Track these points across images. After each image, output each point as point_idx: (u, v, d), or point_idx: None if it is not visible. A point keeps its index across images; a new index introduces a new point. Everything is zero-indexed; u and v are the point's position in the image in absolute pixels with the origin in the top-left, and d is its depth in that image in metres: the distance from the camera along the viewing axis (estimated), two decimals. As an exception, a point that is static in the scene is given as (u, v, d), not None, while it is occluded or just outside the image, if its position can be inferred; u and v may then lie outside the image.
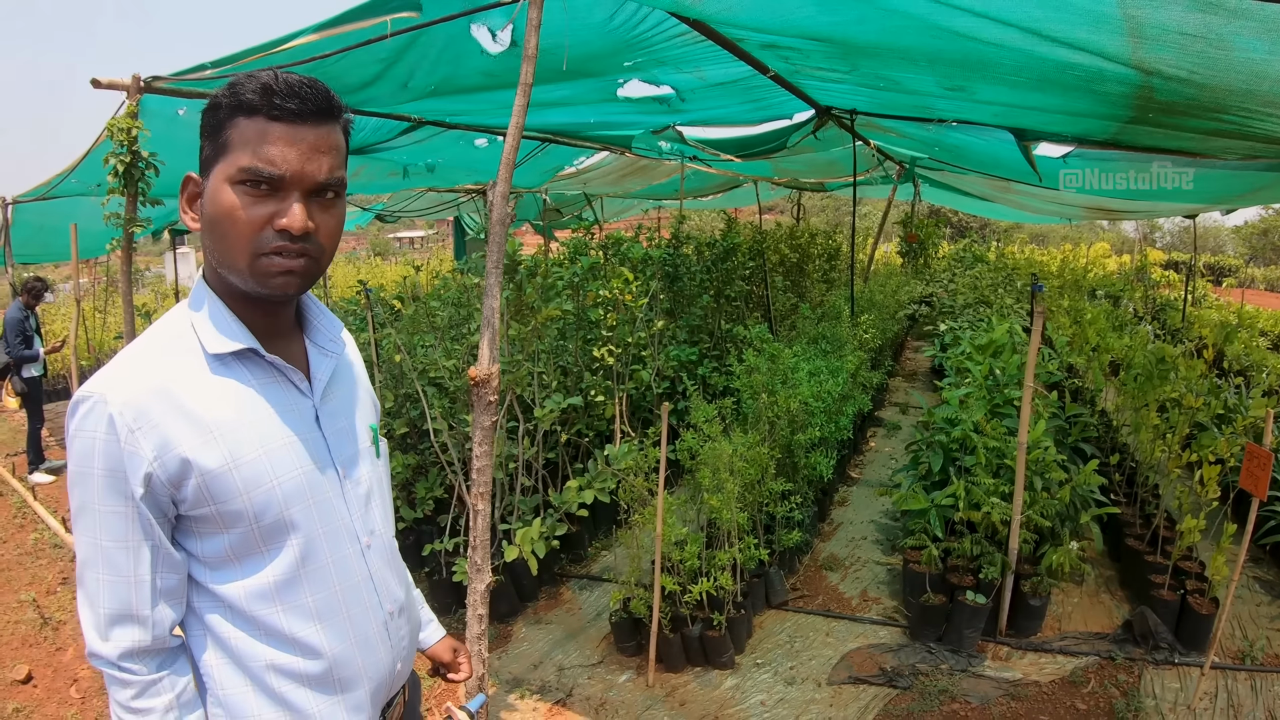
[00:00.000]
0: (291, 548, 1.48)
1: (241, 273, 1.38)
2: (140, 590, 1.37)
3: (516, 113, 3.01)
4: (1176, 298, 14.87)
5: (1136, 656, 4.47)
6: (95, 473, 1.32)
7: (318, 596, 1.51)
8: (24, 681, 4.78)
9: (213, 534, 1.43)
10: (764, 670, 4.46)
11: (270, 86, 1.32)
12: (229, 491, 1.39)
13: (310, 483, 1.51)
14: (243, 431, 1.42)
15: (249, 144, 1.33)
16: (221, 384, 1.43)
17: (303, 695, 1.51)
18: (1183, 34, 2.96)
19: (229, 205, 1.34)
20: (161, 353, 1.41)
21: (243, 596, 1.45)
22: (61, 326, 15.39)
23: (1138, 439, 5.54)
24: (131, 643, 1.37)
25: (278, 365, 1.49)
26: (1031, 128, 6.16)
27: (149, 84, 5.44)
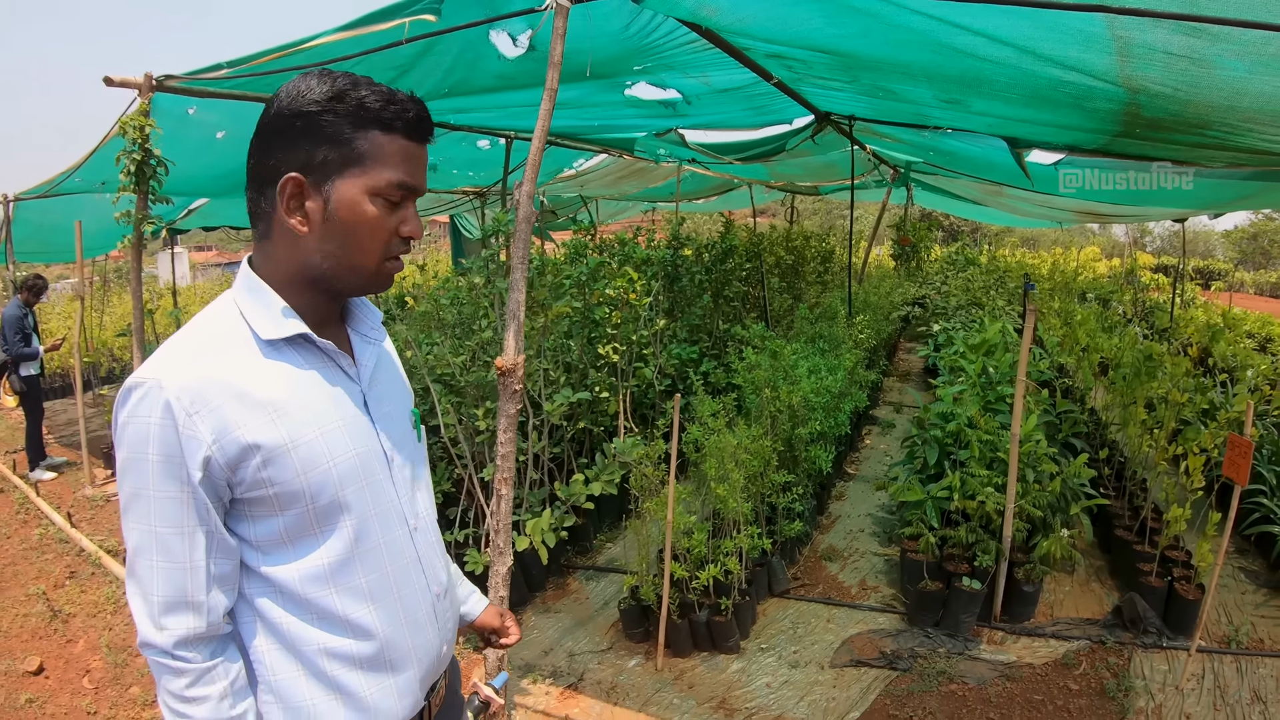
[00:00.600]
0: (345, 528, 1.50)
1: (368, 274, 1.49)
2: (195, 576, 1.37)
3: (542, 116, 3.16)
4: (1165, 300, 15.05)
5: (1126, 640, 4.65)
6: (150, 458, 1.33)
7: (370, 577, 1.53)
8: (35, 673, 4.84)
9: (266, 516, 1.44)
10: (769, 654, 4.62)
11: (416, 112, 1.44)
12: (287, 472, 1.42)
13: (363, 464, 1.54)
14: (299, 413, 1.45)
15: (394, 161, 1.43)
16: (275, 368, 1.45)
17: (355, 678, 1.52)
18: (1168, 54, 3.14)
19: (372, 215, 1.43)
20: (213, 339, 1.43)
21: (296, 579, 1.46)
22: (57, 325, 15.42)
23: (1126, 434, 5.72)
24: (186, 630, 1.37)
25: (328, 350, 1.53)
26: (1024, 137, 6.33)
27: (161, 83, 5.48)
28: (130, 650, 4.99)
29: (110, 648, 5.01)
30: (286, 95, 1.41)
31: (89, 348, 12.15)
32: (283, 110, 1.41)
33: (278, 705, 1.49)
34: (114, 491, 7.76)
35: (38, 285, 8.87)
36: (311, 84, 1.40)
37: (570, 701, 4.25)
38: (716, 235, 9.47)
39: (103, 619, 5.44)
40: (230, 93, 5.64)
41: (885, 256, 20.08)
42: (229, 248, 48.67)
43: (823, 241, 13.87)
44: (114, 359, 13.68)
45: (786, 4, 3.73)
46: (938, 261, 17.93)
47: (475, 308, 5.52)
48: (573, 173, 11.79)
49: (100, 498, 7.95)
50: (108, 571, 6.11)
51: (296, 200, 1.43)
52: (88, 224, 8.64)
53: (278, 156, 1.42)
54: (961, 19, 3.30)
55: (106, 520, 7.31)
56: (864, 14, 3.60)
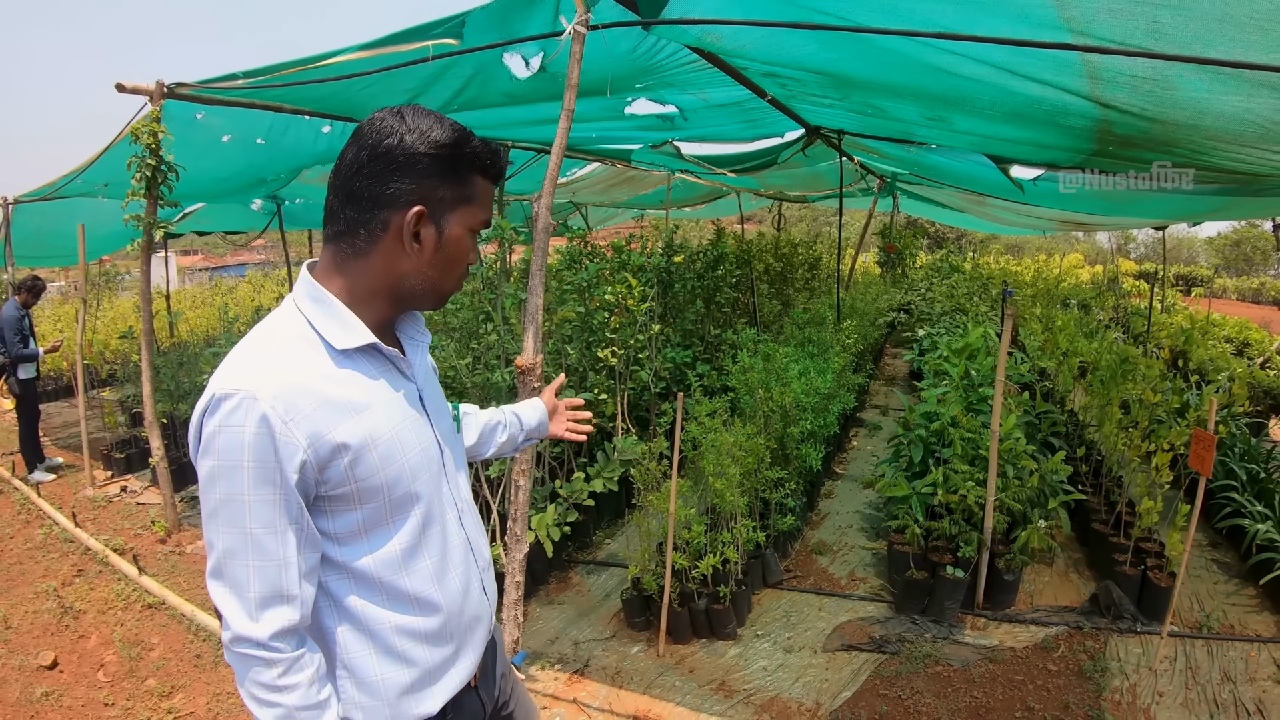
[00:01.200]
0: (415, 516, 1.67)
1: (445, 295, 1.72)
2: (289, 571, 1.49)
3: (560, 134, 3.38)
4: (1145, 306, 15.31)
5: (1102, 626, 4.90)
6: (245, 465, 1.43)
7: (434, 559, 1.71)
8: (50, 668, 4.89)
9: (346, 511, 1.58)
10: (764, 640, 4.85)
11: (499, 159, 1.70)
12: (369, 469, 1.57)
13: (427, 456, 1.72)
14: (375, 414, 1.60)
15: (485, 202, 1.69)
16: (349, 375, 1.60)
17: (421, 651, 1.68)
18: (1134, 76, 3.39)
19: (467, 248, 1.69)
20: (289, 348, 1.56)
21: (372, 566, 1.62)
22: (49, 328, 15.41)
23: (1103, 433, 5.95)
24: (283, 622, 1.48)
25: (391, 356, 1.69)
26: (1005, 155, 6.56)
27: (172, 90, 5.61)
28: (144, 644, 5.09)
29: (124, 642, 5.09)
30: (409, 132, 1.57)
31: (89, 349, 12.19)
32: (411, 146, 1.56)
33: (351, 680, 1.65)
34: (114, 493, 7.93)
35: (36, 286, 8.87)
36: (432, 127, 1.58)
37: (577, 685, 4.44)
38: (706, 242, 9.65)
39: (114, 615, 5.51)
40: (238, 100, 5.73)
41: (872, 263, 20.32)
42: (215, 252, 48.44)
43: (810, 249, 14.07)
44: (108, 361, 13.74)
45: (784, 32, 3.95)
46: (923, 268, 18.07)
47: (476, 312, 5.68)
48: (566, 180, 11.97)
49: (101, 498, 8.00)
50: (115, 570, 6.16)
51: (416, 228, 1.60)
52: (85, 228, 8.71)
53: (397, 186, 1.57)
54: (944, 42, 3.54)
55: (110, 520, 7.38)
56: (855, 40, 3.84)
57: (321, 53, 4.59)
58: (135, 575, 5.97)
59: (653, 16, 3.55)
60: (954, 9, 3.16)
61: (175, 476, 7.42)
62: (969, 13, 3.15)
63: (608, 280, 6.46)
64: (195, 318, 15.75)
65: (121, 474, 8.81)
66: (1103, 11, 2.80)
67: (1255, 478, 6.25)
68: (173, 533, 6.88)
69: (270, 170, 8.10)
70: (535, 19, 3.94)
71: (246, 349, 1.55)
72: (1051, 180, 7.29)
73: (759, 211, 24.99)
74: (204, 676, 4.75)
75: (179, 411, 8.62)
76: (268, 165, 7.85)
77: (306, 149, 7.30)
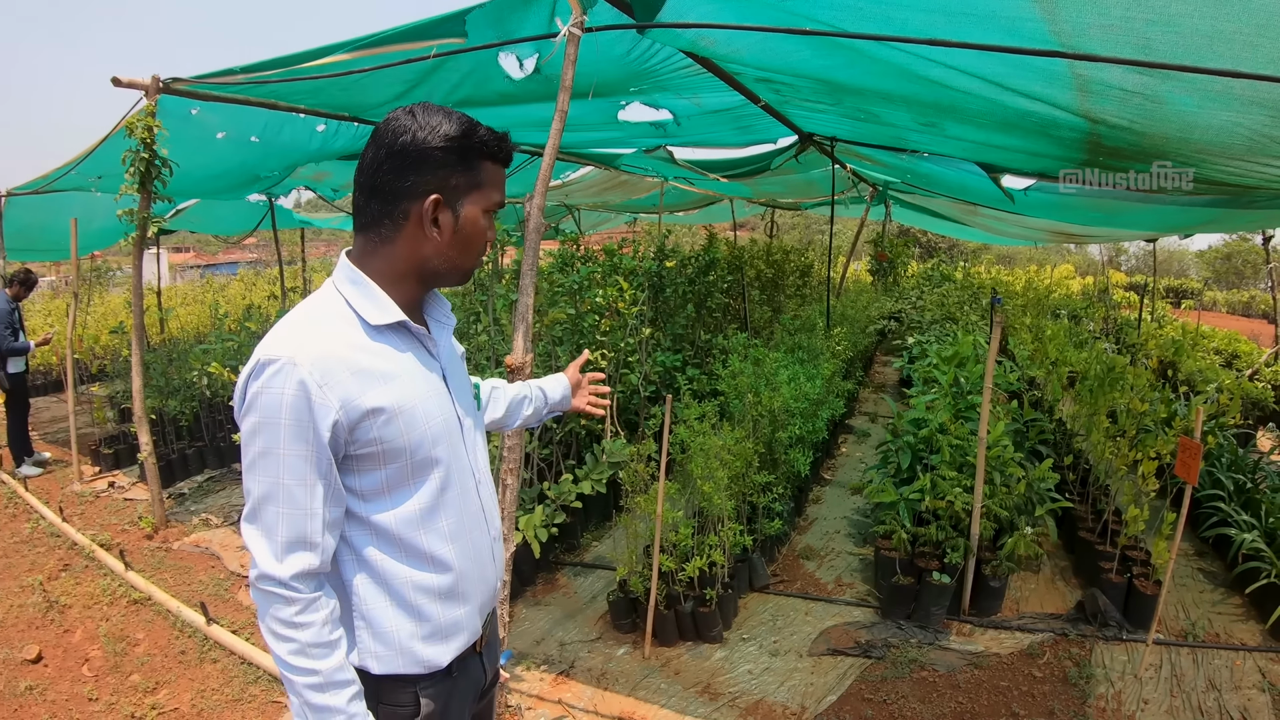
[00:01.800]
0: (434, 479, 1.81)
1: (467, 272, 1.88)
2: (314, 521, 1.64)
3: (553, 135, 3.38)
4: (1134, 318, 15.34)
5: (1088, 633, 4.91)
6: (284, 423, 1.60)
7: (450, 521, 1.84)
8: (34, 661, 4.88)
9: (372, 470, 1.73)
10: (750, 644, 4.86)
11: (505, 144, 1.82)
12: (394, 432, 1.72)
13: (448, 426, 1.86)
14: (403, 384, 1.75)
15: (498, 186, 1.84)
16: (381, 348, 1.75)
17: (433, 606, 1.81)
18: (1123, 90, 3.41)
19: (483, 227, 1.83)
20: (327, 322, 1.72)
21: (393, 523, 1.76)
22: (39, 322, 15.33)
23: (1090, 442, 5.97)
24: (304, 565, 1.63)
25: (419, 334, 1.85)
26: (996, 163, 6.58)
27: (168, 85, 5.59)
28: (129, 639, 5.08)
29: (109, 637, 5.07)
30: (421, 128, 1.72)
31: (80, 343, 12.14)
32: (425, 140, 1.72)
33: (367, 630, 1.78)
34: (102, 488, 7.92)
35: (29, 280, 8.87)
36: (440, 122, 1.73)
37: (562, 687, 4.44)
38: (699, 248, 9.66)
39: (99, 609, 5.49)
40: (234, 97, 5.73)
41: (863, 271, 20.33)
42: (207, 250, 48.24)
43: (802, 256, 14.09)
44: (99, 357, 13.69)
45: (778, 38, 3.98)
46: (914, 277, 18.11)
47: (468, 312, 5.68)
48: (559, 183, 11.99)
49: (89, 493, 7.96)
50: (101, 565, 6.15)
51: (434, 214, 1.76)
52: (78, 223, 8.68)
53: (413, 179, 1.73)
54: (936, 54, 3.57)
55: (97, 515, 7.35)
56: (848, 48, 3.86)
57: (319, 47, 4.58)
58: (121, 570, 5.95)
59: (648, 20, 3.57)
60: (945, 22, 3.19)
61: (163, 473, 7.40)
62: (961, 26, 3.18)
63: (599, 283, 6.47)
64: (186, 315, 15.67)
65: (109, 469, 8.77)
66: (1094, 27, 2.83)
67: (1242, 488, 6.27)
68: (159, 529, 6.85)
69: (264, 167, 8.08)
70: (531, 19, 3.95)
71: (290, 322, 1.72)
72: (1043, 190, 7.32)
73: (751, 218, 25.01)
74: (188, 672, 4.73)
75: (167, 408, 8.61)
76: (262, 162, 7.83)
77: (301, 146, 7.29)
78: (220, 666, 4.78)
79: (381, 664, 1.79)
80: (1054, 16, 2.83)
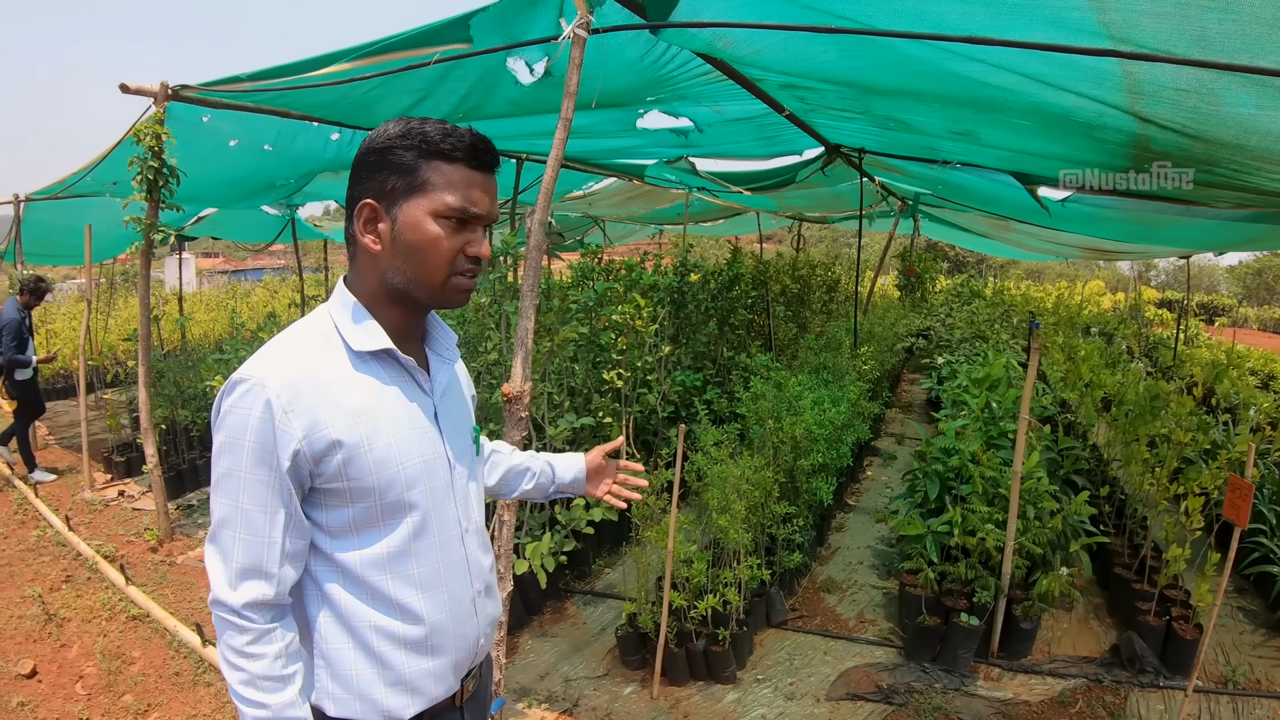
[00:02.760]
0: (407, 524, 1.69)
1: (435, 289, 1.67)
2: (271, 550, 1.56)
3: (556, 145, 3.17)
4: (1169, 336, 15.00)
5: (1123, 679, 4.64)
6: (247, 445, 1.53)
7: (423, 569, 1.72)
8: (29, 676, 4.85)
9: (339, 506, 1.63)
10: (765, 685, 4.60)
11: (474, 143, 1.64)
12: (362, 470, 1.61)
13: (428, 469, 1.73)
14: (378, 420, 1.64)
15: (455, 187, 1.62)
16: (361, 378, 1.65)
17: (398, 656, 1.70)
18: (1177, 89, 3.15)
19: (434, 235, 1.62)
20: (311, 346, 1.64)
21: (358, 563, 1.65)
22: (62, 325, 15.41)
23: (1128, 472, 5.70)
24: (257, 595, 1.55)
25: (408, 366, 1.74)
26: (1034, 172, 6.34)
27: (177, 92, 5.57)
28: (125, 657, 5.00)
29: (105, 654, 5.00)
30: (369, 137, 1.65)
31: (94, 351, 12.10)
32: (365, 149, 1.64)
33: (327, 671, 1.69)
34: (112, 496, 7.89)
35: (40, 288, 8.77)
36: (389, 126, 1.63)
37: (565, 727, 4.24)
38: (723, 261, 9.47)
39: (98, 625, 5.43)
40: (243, 105, 5.66)
41: (890, 287, 20.08)
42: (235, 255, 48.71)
43: (828, 270, 13.89)
44: (118, 363, 13.65)
45: (802, 37, 3.74)
46: (943, 293, 17.88)
47: (481, 328, 5.52)
48: (581, 194, 11.84)
49: (98, 501, 7.91)
50: (104, 577, 6.10)
51: (371, 223, 1.65)
52: (98, 227, 8.64)
53: (360, 187, 1.65)
54: (974, 51, 3.32)
55: (104, 525, 7.30)
56: (878, 46, 3.61)
57: (324, 54, 4.44)
58: (122, 584, 5.89)
59: (661, 19, 3.36)
60: (985, 13, 2.93)
61: (171, 484, 7.32)
62: (1001, 17, 2.92)
63: (617, 299, 6.26)
64: (208, 321, 15.68)
65: (121, 477, 8.71)
66: (1145, 15, 2.58)
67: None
68: (165, 541, 6.76)
69: (279, 176, 7.97)
70: (538, 21, 3.74)
71: (274, 343, 1.66)
72: (1081, 201, 7.08)
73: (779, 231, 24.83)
74: (181, 695, 4.62)
75: (180, 417, 8.49)
76: (276, 170, 7.71)
77: (316, 155, 7.16)
78: (214, 690, 4.65)
79: (338, 707, 1.70)
80: (1103, 4, 2.60)
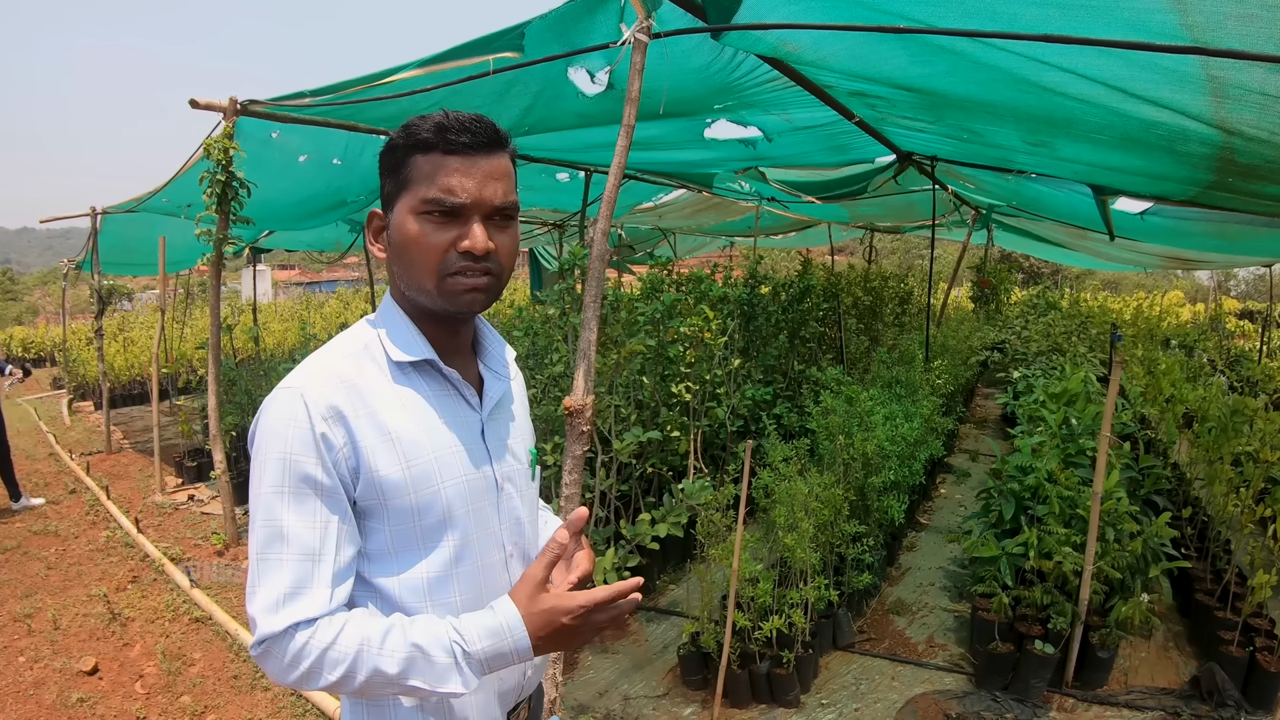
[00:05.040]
0: (447, 547, 1.57)
1: (430, 293, 1.52)
2: (322, 566, 1.44)
3: (619, 153, 3.11)
4: (1251, 348, 14.50)
5: (1202, 713, 4.41)
6: (288, 458, 1.42)
7: (465, 596, 1.59)
8: (90, 673, 4.96)
9: (377, 529, 1.53)
10: (829, 711, 4.46)
11: (443, 124, 1.47)
12: (398, 488, 1.50)
13: (471, 490, 1.61)
14: (418, 435, 1.54)
15: (428, 177, 1.47)
16: (401, 391, 1.55)
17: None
18: (1264, 94, 3.02)
19: (415, 233, 1.48)
20: (351, 358, 1.55)
21: (396, 589, 1.54)
22: (139, 334, 15.83)
23: (1211, 492, 5.46)
24: (304, 615, 1.40)
25: (452, 379, 1.62)
26: (1111, 185, 6.17)
27: (245, 107, 5.69)
28: (185, 659, 5.07)
29: (165, 655, 5.07)
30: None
31: (169, 359, 12.39)
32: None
33: (364, 703, 1.58)
34: (181, 501, 8.06)
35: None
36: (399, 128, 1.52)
37: (624, 748, 4.15)
38: (794, 273, 9.36)
39: (160, 625, 5.53)
40: (310, 119, 5.76)
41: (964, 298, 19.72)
42: (311, 268, 49.72)
43: (901, 282, 13.70)
44: (192, 371, 13.97)
45: (870, 41, 3.65)
46: (1018, 304, 17.51)
47: (549, 340, 5.49)
48: (651, 205, 11.82)
49: (168, 505, 8.11)
50: (169, 579, 6.22)
51: (378, 232, 1.60)
52: (173, 238, 8.85)
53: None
54: (1050, 56, 3.22)
55: (172, 528, 7.46)
56: (949, 52, 3.52)
57: (382, 70, 4.47)
58: (187, 586, 6.01)
59: (722, 22, 3.28)
60: (1061, 16, 2.84)
61: (239, 489, 7.41)
62: (1079, 20, 2.84)
63: (686, 311, 6.17)
64: (281, 331, 15.96)
65: (191, 482, 8.93)
66: (1230, 18, 2.49)
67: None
68: (230, 546, 6.87)
69: (349, 191, 8.00)
70: (598, 28, 3.68)
71: (315, 355, 1.57)
72: (1161, 214, 6.87)
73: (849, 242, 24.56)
74: (239, 699, 4.65)
75: (249, 424, 8.59)
76: (346, 186, 7.77)
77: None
78: (271, 695, 4.68)
79: None
80: (1185, 7, 2.50)
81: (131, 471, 9.42)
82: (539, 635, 1.49)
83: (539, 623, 1.49)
